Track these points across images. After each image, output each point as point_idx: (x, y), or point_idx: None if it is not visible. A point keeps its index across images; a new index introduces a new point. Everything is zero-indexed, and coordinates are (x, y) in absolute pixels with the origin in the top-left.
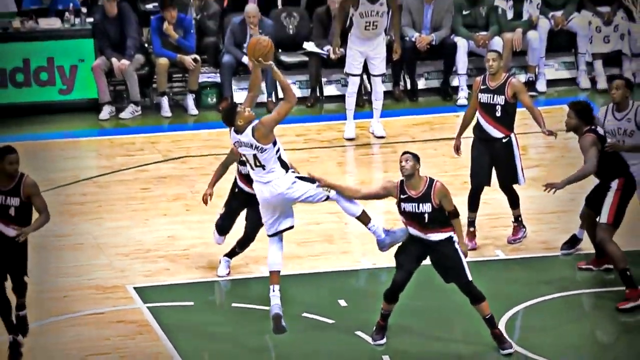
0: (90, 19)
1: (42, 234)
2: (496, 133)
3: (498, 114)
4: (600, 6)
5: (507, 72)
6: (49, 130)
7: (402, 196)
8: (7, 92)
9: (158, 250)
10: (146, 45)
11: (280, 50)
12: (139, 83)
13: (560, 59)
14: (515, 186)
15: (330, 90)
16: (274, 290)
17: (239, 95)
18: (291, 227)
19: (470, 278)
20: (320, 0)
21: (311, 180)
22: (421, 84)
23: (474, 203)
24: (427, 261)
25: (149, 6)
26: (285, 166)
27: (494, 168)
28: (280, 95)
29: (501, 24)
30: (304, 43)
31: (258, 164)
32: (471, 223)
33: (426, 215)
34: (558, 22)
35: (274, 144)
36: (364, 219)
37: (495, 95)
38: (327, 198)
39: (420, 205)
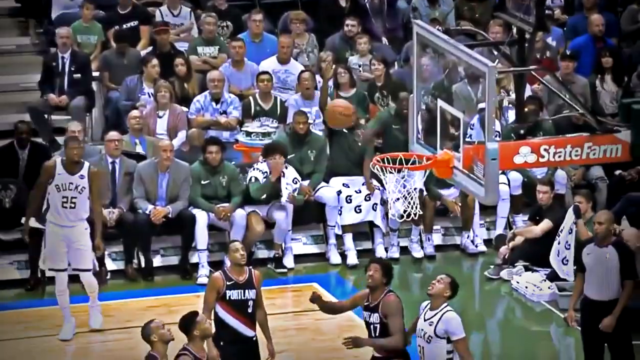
0: None
1: None
2: (248, 331)
3: (250, 309)
4: (352, 176)
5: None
6: None
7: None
8: None
9: None
10: None
11: None
12: None
13: (309, 232)
14: None
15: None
16: None
17: None
18: None
19: None
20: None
21: None
22: (157, 261)
23: None
24: None
25: None
26: None
27: None
28: None
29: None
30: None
31: None
32: None
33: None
34: (305, 192)
35: None
36: None
37: (247, 290)
38: None
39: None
